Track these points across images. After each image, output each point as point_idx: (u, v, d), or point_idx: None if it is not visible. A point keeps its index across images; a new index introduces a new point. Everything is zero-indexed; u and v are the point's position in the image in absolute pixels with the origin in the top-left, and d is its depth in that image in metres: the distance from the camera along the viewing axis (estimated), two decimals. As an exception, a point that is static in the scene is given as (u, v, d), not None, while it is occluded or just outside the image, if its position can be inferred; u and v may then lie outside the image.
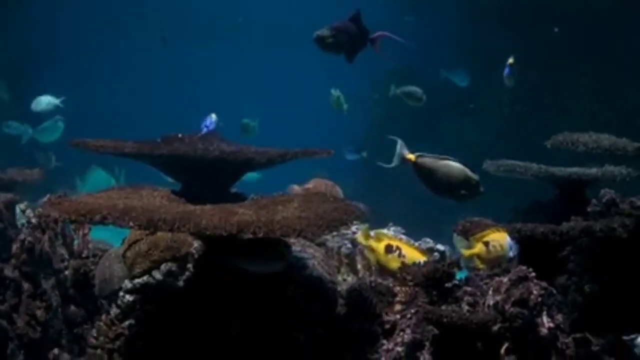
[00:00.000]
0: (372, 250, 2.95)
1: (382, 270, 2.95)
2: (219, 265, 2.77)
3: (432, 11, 11.51)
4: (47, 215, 2.55)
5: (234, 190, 4.10)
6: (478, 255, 2.85)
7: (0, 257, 3.85)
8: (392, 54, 5.40)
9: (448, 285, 2.67)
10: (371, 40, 5.03)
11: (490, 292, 2.60)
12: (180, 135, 4.16)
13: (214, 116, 6.55)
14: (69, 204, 2.49)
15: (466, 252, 2.91)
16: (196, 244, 3.14)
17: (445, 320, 2.42)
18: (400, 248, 2.84)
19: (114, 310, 3.28)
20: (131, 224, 2.26)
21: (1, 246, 3.95)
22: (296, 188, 4.15)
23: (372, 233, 3.76)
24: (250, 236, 2.22)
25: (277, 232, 2.19)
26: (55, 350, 3.69)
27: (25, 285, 3.76)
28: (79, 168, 8.42)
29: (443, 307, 2.57)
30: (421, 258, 2.74)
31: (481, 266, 2.83)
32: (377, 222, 4.13)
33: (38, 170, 6.74)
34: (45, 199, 4.04)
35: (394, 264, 2.85)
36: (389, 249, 2.85)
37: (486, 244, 2.81)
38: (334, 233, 3.47)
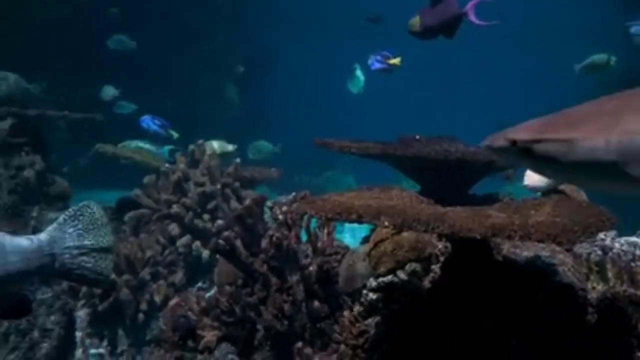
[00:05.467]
0: None
1: None
2: (466, 267, 2.90)
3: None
4: (300, 212, 2.80)
5: (471, 192, 4.24)
6: None
7: (251, 252, 4.24)
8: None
9: None
10: (464, 13, 5.25)
11: None
12: (417, 137, 4.35)
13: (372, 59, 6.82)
14: (323, 203, 2.72)
15: None
16: (440, 245, 3.30)
17: None
18: None
19: (357, 308, 3.53)
20: (386, 223, 2.44)
21: (251, 241, 4.35)
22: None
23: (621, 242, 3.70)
24: (505, 240, 2.32)
25: (533, 236, 2.26)
26: (299, 344, 4.01)
27: (273, 280, 4.13)
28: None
29: None
30: None
31: None
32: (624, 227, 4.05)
33: (275, 169, 7.30)
34: (290, 196, 4.42)
35: None
36: None
37: None
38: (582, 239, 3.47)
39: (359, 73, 10.69)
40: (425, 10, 5.46)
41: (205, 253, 6.29)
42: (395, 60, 7.67)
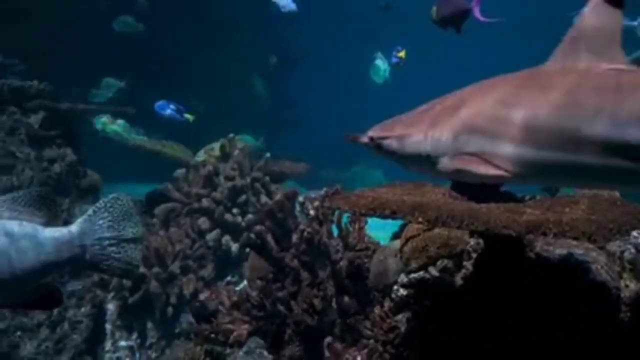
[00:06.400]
0: None
1: None
2: (498, 264, 2.91)
3: None
4: (333, 207, 2.83)
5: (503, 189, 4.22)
6: None
7: (281, 246, 4.28)
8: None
9: None
10: (470, 8, 5.78)
11: None
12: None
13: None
14: (356, 199, 2.74)
15: None
16: (472, 241, 3.31)
17: None
18: None
19: (388, 304, 3.55)
20: (420, 219, 2.45)
21: (282, 236, 4.39)
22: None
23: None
24: (540, 237, 2.33)
25: (567, 234, 2.26)
26: (329, 339, 4.03)
27: (304, 274, 4.16)
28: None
29: None
30: None
31: None
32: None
33: (304, 164, 7.34)
34: (322, 191, 4.45)
35: None
36: None
37: None
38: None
39: (379, 62, 10.67)
40: (441, 1, 6.06)
41: (235, 247, 6.35)
42: (401, 54, 8.20)
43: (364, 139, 3.01)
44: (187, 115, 9.27)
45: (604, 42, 2.57)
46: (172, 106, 9.23)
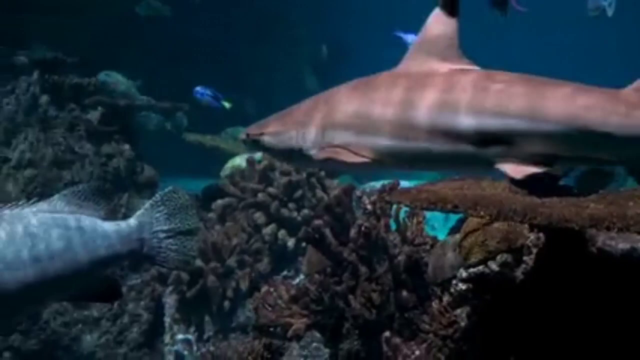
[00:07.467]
0: None
1: None
2: (560, 258, 2.92)
3: None
4: (393, 202, 2.89)
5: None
6: None
7: (340, 241, 4.33)
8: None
9: None
10: None
11: None
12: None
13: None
14: (417, 193, 2.78)
15: None
16: (532, 236, 3.31)
17: None
18: None
19: (447, 298, 3.58)
20: (482, 213, 2.48)
21: (340, 230, 4.43)
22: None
23: None
24: (603, 231, 2.34)
25: (632, 228, 2.27)
26: (387, 333, 4.07)
27: (362, 269, 4.20)
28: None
29: None
30: None
31: None
32: None
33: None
34: (379, 186, 4.48)
35: None
36: None
37: None
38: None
39: None
40: None
41: (291, 242, 6.42)
42: None
43: (241, 136, 3.36)
44: (224, 102, 9.39)
45: (445, 46, 2.99)
46: (209, 92, 9.39)
